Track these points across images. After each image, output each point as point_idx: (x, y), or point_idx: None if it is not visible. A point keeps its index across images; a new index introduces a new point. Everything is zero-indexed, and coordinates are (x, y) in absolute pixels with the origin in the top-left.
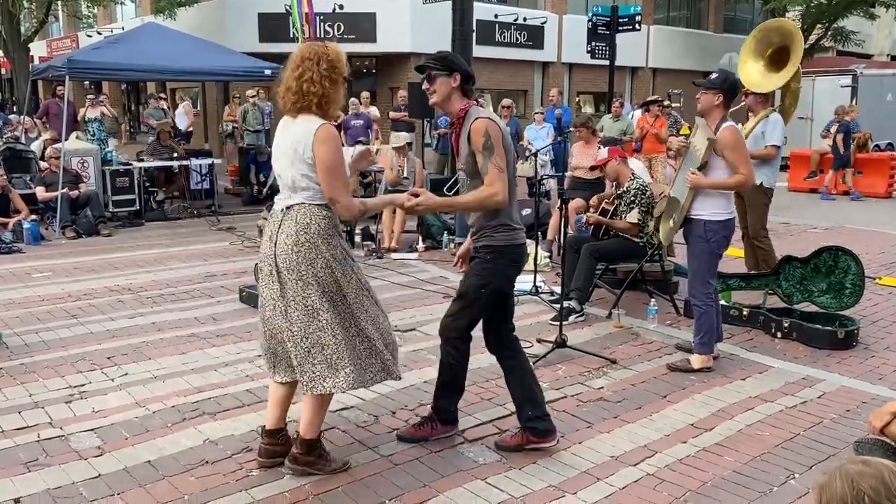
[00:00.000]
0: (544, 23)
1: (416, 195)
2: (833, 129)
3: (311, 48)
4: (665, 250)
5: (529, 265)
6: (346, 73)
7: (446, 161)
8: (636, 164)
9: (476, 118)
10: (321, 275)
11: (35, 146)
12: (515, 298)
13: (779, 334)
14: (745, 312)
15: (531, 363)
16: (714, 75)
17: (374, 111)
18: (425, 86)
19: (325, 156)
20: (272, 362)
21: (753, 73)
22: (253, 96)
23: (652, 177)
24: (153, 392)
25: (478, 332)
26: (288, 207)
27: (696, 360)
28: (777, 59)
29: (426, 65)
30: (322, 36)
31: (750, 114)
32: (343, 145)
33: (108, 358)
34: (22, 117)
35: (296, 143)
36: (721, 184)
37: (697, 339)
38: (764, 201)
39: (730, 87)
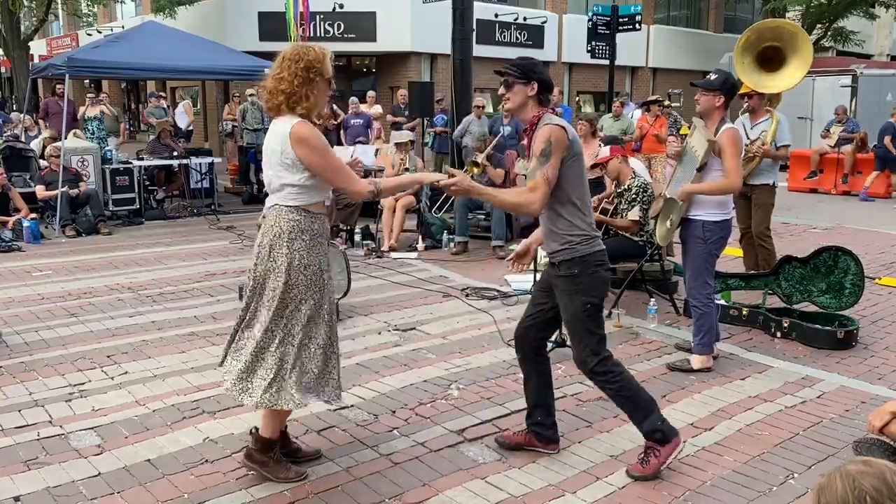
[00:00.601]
0: (544, 22)
1: (453, 175)
2: (833, 130)
3: (295, 49)
4: (664, 250)
5: (530, 265)
6: (326, 73)
7: (443, 160)
8: (637, 163)
9: (545, 124)
10: (276, 278)
11: (34, 144)
12: (515, 298)
13: (778, 334)
14: (744, 312)
15: (550, 364)
16: (713, 76)
17: (377, 110)
18: (501, 91)
19: (308, 158)
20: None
21: (755, 75)
22: (252, 95)
23: (651, 176)
24: (153, 391)
25: (479, 331)
26: (268, 208)
27: (696, 361)
28: (770, 59)
29: (505, 71)
30: (322, 35)
31: (744, 115)
32: (342, 144)
33: (108, 356)
34: (23, 116)
35: (273, 143)
36: (702, 189)
37: (697, 339)
38: (772, 201)
39: (730, 89)
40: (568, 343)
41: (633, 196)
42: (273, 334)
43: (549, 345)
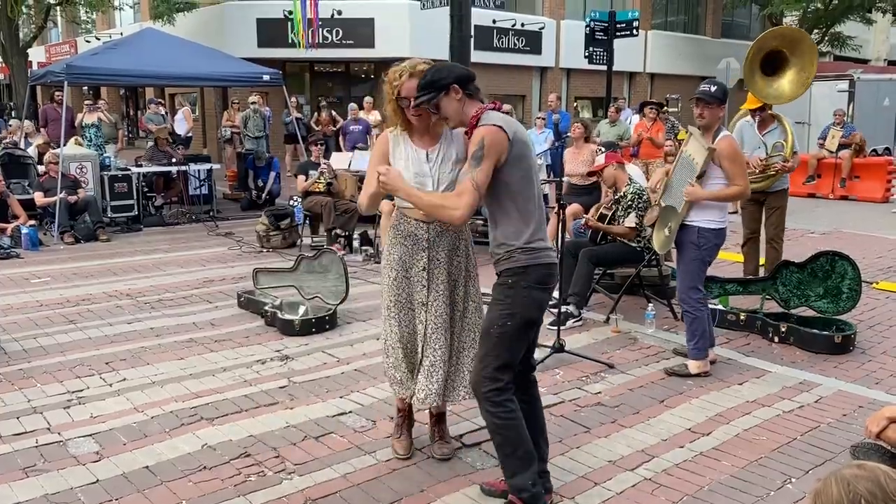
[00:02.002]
0: (542, 28)
1: (387, 171)
2: (832, 134)
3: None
4: (662, 255)
5: None
6: (391, 91)
7: None
8: (633, 169)
9: (483, 124)
10: None
11: (30, 150)
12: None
13: (776, 339)
14: (742, 317)
15: (542, 407)
16: (712, 88)
17: (376, 116)
18: (434, 120)
19: None
20: None
21: (765, 87)
22: (254, 103)
23: (648, 181)
24: (151, 397)
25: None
26: None
27: (693, 366)
28: (772, 63)
29: (421, 101)
30: (321, 41)
31: (751, 125)
32: (341, 150)
33: (107, 363)
34: (23, 122)
35: None
36: (718, 195)
37: (692, 344)
38: (786, 203)
39: (727, 97)
40: (566, 348)
41: (629, 203)
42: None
43: (547, 349)
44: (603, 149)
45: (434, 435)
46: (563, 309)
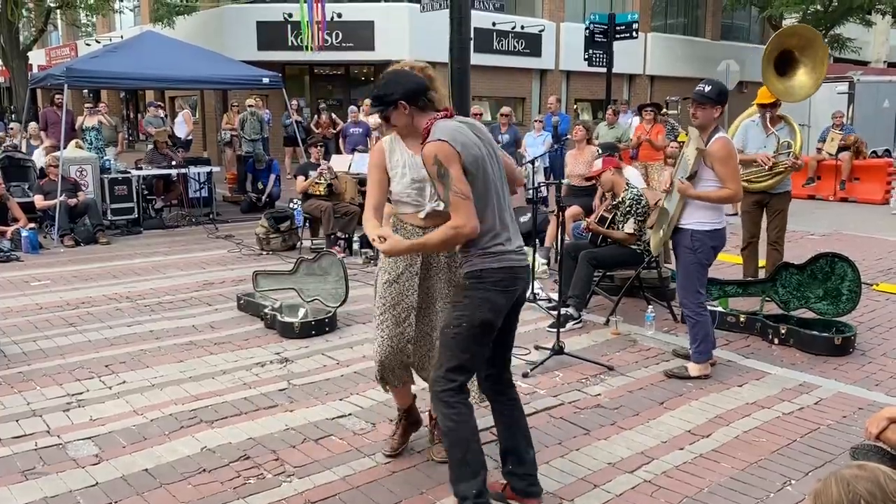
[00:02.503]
0: (542, 31)
1: (385, 238)
2: (832, 136)
3: None
4: (662, 257)
5: None
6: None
7: None
8: (631, 171)
9: (428, 142)
10: None
11: (37, 154)
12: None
13: (776, 341)
14: (742, 319)
15: (522, 409)
16: (706, 88)
17: (376, 119)
18: (384, 129)
19: None
20: None
21: (778, 83)
22: (251, 105)
23: (648, 184)
24: (151, 400)
25: None
26: None
27: (694, 369)
28: (784, 63)
29: (379, 112)
30: (321, 44)
31: (756, 124)
32: (341, 153)
33: (106, 366)
34: (23, 125)
35: None
36: (707, 196)
37: (694, 347)
38: (788, 206)
39: (724, 98)
40: (566, 350)
41: (628, 208)
42: None
43: (547, 351)
44: (600, 151)
45: (434, 437)
46: (563, 311)
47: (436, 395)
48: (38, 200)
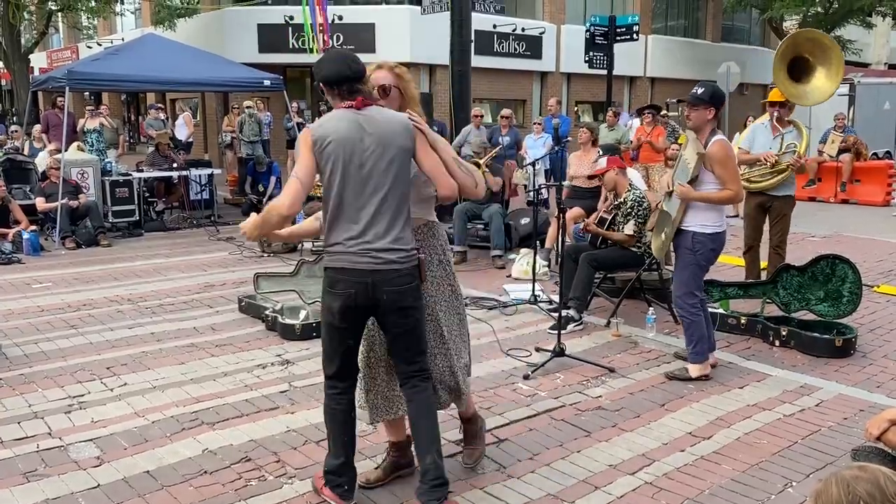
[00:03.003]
0: (542, 33)
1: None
2: (832, 139)
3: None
4: (663, 259)
5: (528, 274)
6: (371, 88)
7: None
8: (633, 173)
9: None
10: None
11: (41, 157)
12: (513, 307)
13: (777, 342)
14: (742, 321)
15: (427, 413)
16: (699, 90)
17: None
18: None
19: None
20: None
21: (790, 86)
22: (249, 107)
23: (649, 186)
24: (152, 402)
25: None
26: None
27: (693, 369)
28: (799, 69)
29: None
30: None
31: (764, 126)
32: None
33: (108, 368)
34: (24, 128)
35: None
36: (708, 197)
37: (690, 348)
38: (792, 210)
39: (718, 100)
40: (567, 352)
41: (629, 210)
42: None
43: (548, 353)
44: (601, 151)
45: (466, 440)
46: (564, 313)
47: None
48: (40, 203)
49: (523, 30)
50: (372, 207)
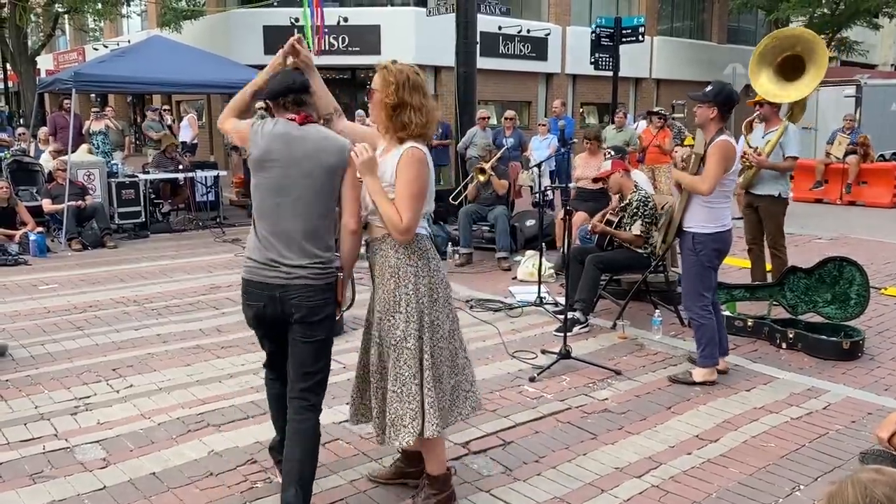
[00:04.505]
0: (548, 34)
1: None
2: (840, 141)
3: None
4: (669, 261)
5: (533, 276)
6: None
7: (438, 172)
8: (639, 175)
9: None
10: None
11: (42, 158)
12: (519, 310)
13: (784, 345)
14: (749, 323)
15: (303, 444)
16: (708, 88)
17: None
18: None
19: None
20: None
21: (768, 84)
22: (260, 108)
23: (655, 188)
24: (158, 404)
25: (482, 343)
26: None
27: (699, 374)
28: (791, 68)
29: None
30: (327, 48)
31: (762, 124)
32: None
33: (114, 370)
34: (30, 129)
35: None
36: (682, 178)
37: (700, 351)
38: (780, 211)
39: (724, 100)
40: (573, 355)
41: (635, 210)
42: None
43: (554, 356)
44: (612, 152)
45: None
46: (570, 315)
47: None
48: (46, 204)
49: (528, 31)
50: (297, 223)
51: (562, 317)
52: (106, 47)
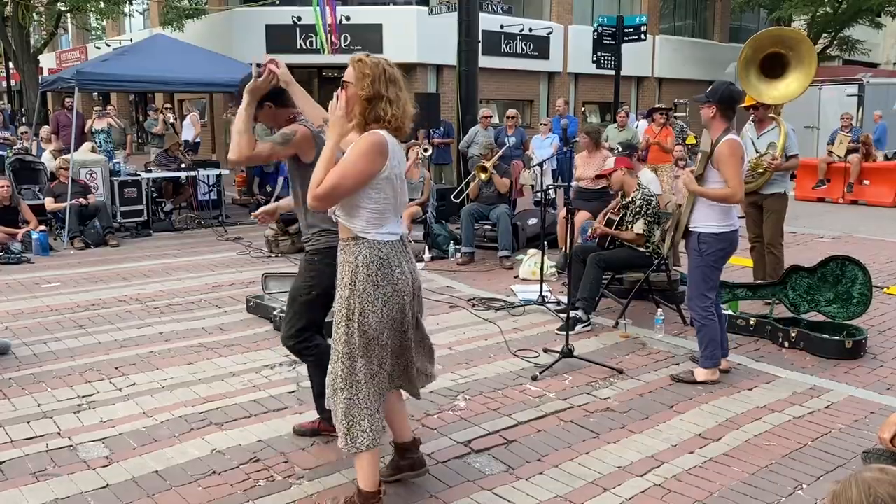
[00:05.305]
0: (550, 33)
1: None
2: (840, 139)
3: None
4: (671, 260)
5: (536, 275)
6: None
7: (441, 170)
8: (648, 174)
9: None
10: None
11: (44, 157)
12: (521, 308)
13: (786, 344)
14: (752, 322)
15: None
16: (710, 88)
17: None
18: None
19: None
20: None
21: (757, 85)
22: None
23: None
24: (161, 402)
25: (485, 343)
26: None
27: (701, 374)
28: (778, 64)
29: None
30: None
31: (752, 125)
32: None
33: (116, 368)
34: (33, 128)
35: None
36: (705, 192)
37: (701, 352)
38: (783, 207)
39: (722, 99)
40: (575, 353)
41: (638, 209)
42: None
43: (556, 355)
44: (619, 148)
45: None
46: (572, 314)
47: (295, 351)
48: (49, 203)
49: (531, 30)
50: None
51: (564, 315)
52: (108, 46)
